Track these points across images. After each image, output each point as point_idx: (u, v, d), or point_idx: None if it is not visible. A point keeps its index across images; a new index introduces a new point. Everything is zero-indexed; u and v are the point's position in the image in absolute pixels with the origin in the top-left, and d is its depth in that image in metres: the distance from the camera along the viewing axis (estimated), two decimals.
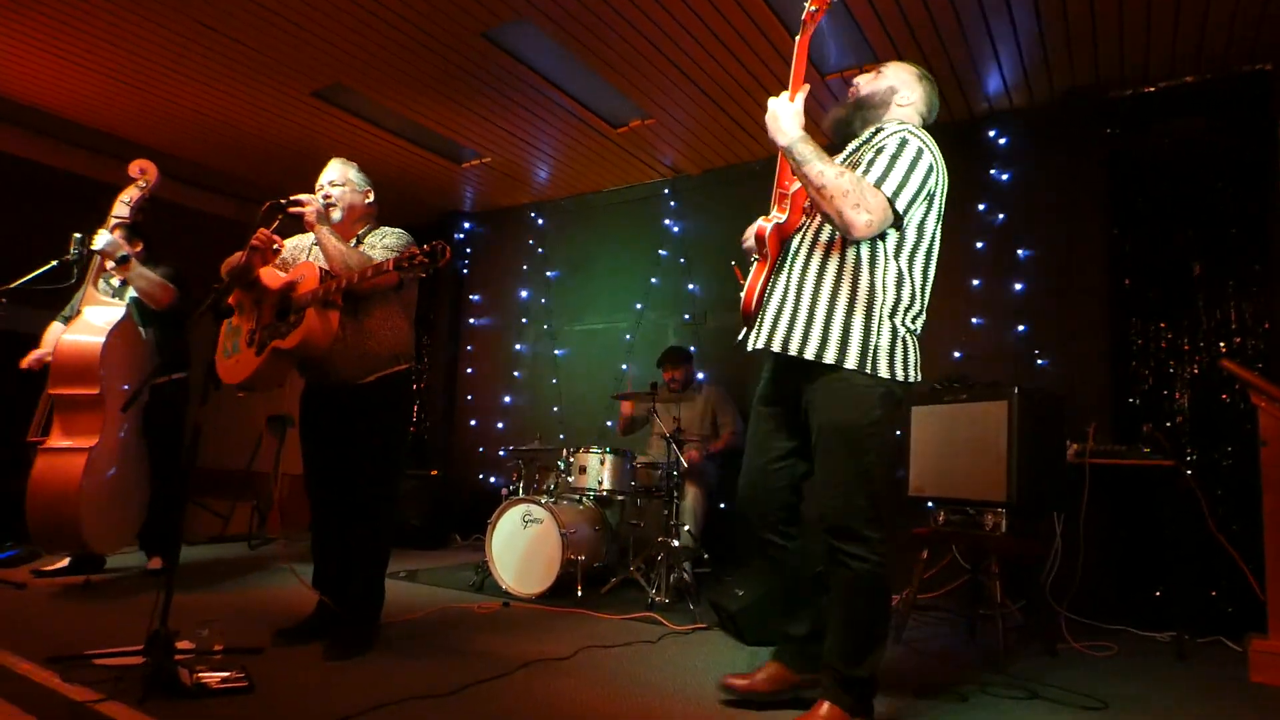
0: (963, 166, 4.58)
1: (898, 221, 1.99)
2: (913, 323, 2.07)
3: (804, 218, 2.17)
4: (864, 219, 1.90)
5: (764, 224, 2.15)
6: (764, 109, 2.03)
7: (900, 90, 2.18)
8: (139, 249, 3.76)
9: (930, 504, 3.34)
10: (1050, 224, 4.30)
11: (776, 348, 2.06)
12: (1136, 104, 4.15)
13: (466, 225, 6.88)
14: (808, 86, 2.02)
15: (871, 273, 2.00)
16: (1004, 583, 2.96)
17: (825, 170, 1.91)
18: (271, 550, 5.05)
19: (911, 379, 2.05)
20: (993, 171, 4.50)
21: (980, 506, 3.08)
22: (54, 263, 3.67)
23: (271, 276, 2.77)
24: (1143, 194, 4.06)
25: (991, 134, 4.52)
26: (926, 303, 2.11)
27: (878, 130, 2.12)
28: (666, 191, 5.78)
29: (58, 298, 3.68)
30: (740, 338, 2.22)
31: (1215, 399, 3.77)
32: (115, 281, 3.67)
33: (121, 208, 3.59)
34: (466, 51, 4.19)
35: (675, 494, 3.98)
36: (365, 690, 2.21)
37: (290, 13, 3.88)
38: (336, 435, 2.77)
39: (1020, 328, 4.31)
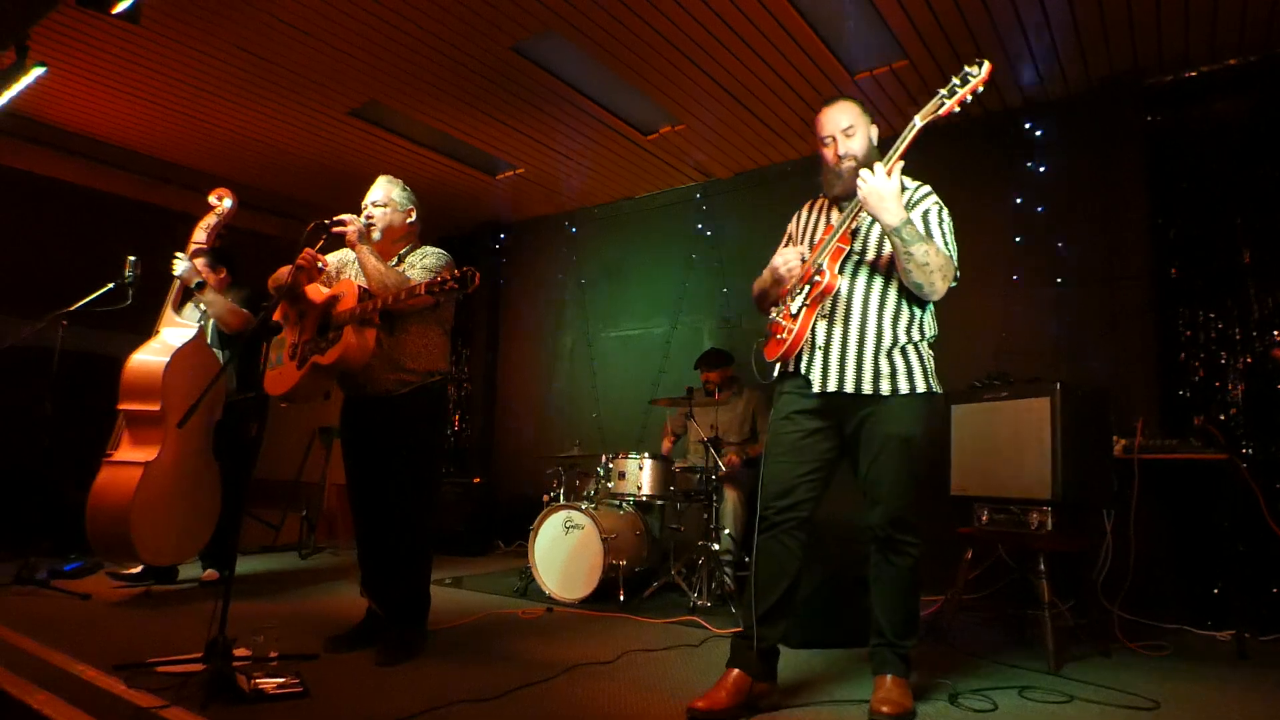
0: (999, 159, 4.53)
1: None
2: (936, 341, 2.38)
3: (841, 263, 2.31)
4: (947, 287, 2.22)
5: (831, 280, 2.22)
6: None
7: (871, 128, 2.34)
8: (223, 275, 3.96)
9: (974, 503, 3.29)
10: (1090, 215, 4.21)
11: (850, 389, 2.23)
12: (1177, 90, 4.05)
13: (502, 235, 6.96)
14: (901, 163, 2.18)
15: (923, 310, 2.32)
16: (1052, 582, 2.90)
17: (929, 250, 2.15)
18: (321, 559, 5.17)
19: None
20: (1029, 164, 4.42)
21: (1025, 505, 3.03)
22: (111, 285, 3.85)
23: (315, 291, 2.86)
24: (1186, 181, 3.95)
25: (1027, 126, 4.45)
26: None
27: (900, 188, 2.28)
28: (698, 195, 5.79)
29: (118, 318, 3.83)
30: (778, 374, 2.37)
31: (1270, 389, 3.65)
32: (203, 306, 3.81)
33: (200, 234, 3.74)
34: (497, 65, 4.26)
35: (714, 498, 3.98)
36: (415, 695, 2.26)
37: (323, 33, 3.99)
38: (375, 445, 2.85)
39: (1062, 321, 4.22)
